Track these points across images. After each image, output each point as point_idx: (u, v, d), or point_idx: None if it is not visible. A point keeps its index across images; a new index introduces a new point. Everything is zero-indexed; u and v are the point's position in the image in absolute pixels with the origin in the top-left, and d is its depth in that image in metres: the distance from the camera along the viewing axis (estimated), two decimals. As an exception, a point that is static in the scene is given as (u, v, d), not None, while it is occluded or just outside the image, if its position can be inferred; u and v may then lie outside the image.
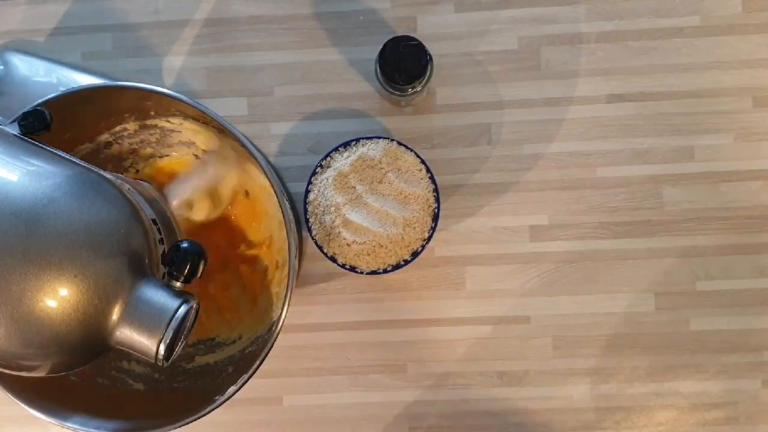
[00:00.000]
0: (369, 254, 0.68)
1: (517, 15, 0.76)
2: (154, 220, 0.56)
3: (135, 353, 0.49)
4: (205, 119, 0.65)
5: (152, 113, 0.68)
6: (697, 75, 0.75)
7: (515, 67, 0.76)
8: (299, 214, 0.72)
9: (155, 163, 0.73)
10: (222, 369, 0.71)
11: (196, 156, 0.72)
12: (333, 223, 0.67)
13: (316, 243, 0.69)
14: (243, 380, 0.61)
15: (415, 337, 0.77)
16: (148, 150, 0.72)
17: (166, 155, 0.73)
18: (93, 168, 0.53)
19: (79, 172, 0.50)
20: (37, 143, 0.53)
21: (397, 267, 0.69)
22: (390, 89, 0.68)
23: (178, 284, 0.50)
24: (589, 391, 0.77)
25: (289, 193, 0.75)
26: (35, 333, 0.46)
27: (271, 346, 0.62)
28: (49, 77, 0.75)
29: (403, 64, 0.66)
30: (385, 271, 0.69)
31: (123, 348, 0.49)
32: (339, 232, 0.67)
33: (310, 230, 0.69)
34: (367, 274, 0.69)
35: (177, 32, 0.77)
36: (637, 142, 0.76)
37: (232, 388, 0.61)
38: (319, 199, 0.68)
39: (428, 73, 0.67)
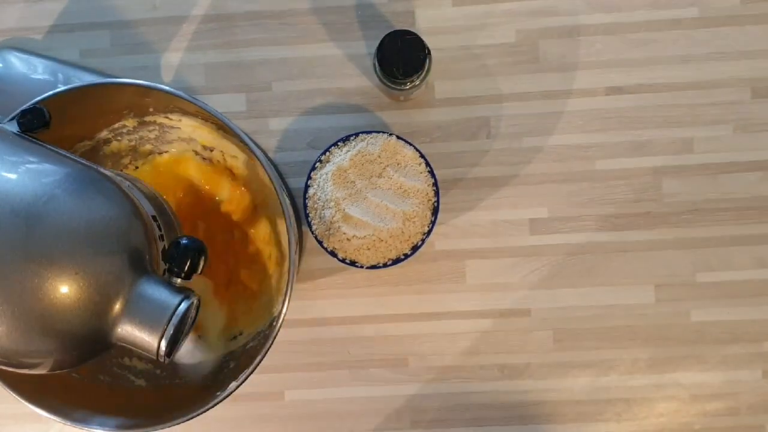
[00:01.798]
0: (369, 249, 0.68)
1: (514, 8, 0.76)
2: (154, 217, 0.56)
3: (136, 350, 0.49)
4: (204, 115, 0.65)
5: (151, 110, 0.68)
6: (695, 66, 0.75)
7: (513, 60, 0.76)
8: (299, 210, 0.73)
9: (154, 159, 0.73)
10: (223, 365, 0.71)
11: (195, 152, 0.72)
12: (333, 217, 0.67)
13: (316, 238, 0.69)
14: (244, 375, 0.62)
15: (416, 331, 0.77)
16: (147, 147, 0.72)
17: (166, 152, 0.73)
18: (92, 165, 0.53)
19: (79, 169, 0.50)
20: (36, 141, 0.53)
21: (397, 261, 0.69)
22: (388, 83, 0.68)
23: (179, 280, 0.50)
24: (590, 383, 0.77)
25: (288, 189, 0.75)
26: (36, 330, 0.46)
27: (272, 342, 0.62)
28: (47, 75, 0.75)
29: (402, 58, 0.66)
30: (385, 266, 0.69)
31: (124, 345, 0.49)
32: (339, 227, 0.67)
33: (309, 225, 0.69)
34: (368, 268, 0.69)
35: (175, 28, 0.77)
36: (636, 134, 0.76)
37: (234, 384, 0.62)
38: (319, 194, 0.68)
39: (426, 67, 0.67)
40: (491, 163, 0.76)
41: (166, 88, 0.62)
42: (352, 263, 0.69)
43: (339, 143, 0.69)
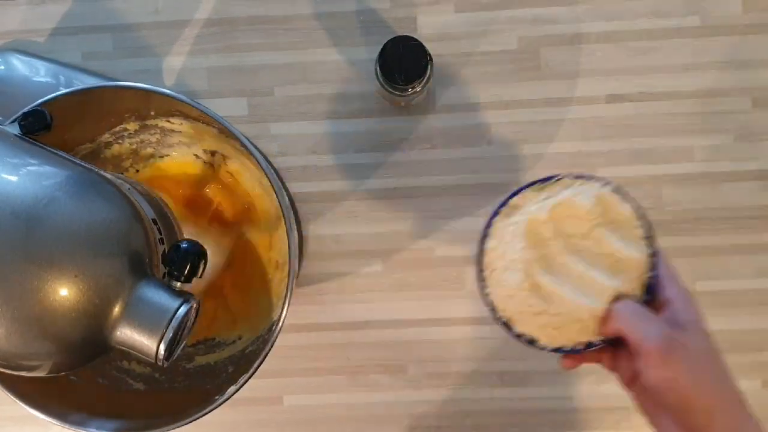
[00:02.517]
0: (557, 328, 0.51)
1: (516, 15, 0.76)
2: (154, 220, 0.56)
3: (135, 353, 0.49)
4: (205, 119, 0.65)
5: (153, 113, 0.68)
6: (696, 75, 0.75)
7: (515, 67, 0.76)
8: (300, 215, 0.72)
9: (155, 163, 0.73)
10: (222, 369, 0.71)
11: (196, 156, 0.72)
12: (520, 284, 0.51)
13: (488, 304, 0.52)
14: (243, 380, 0.61)
15: (416, 337, 0.77)
16: (149, 150, 0.72)
17: (167, 155, 0.73)
18: (93, 168, 0.53)
19: (80, 172, 0.50)
20: (37, 143, 0.53)
21: (590, 346, 0.51)
22: (390, 89, 0.68)
23: (179, 284, 0.50)
24: (589, 391, 0.77)
25: (289, 194, 0.75)
26: (36, 333, 0.46)
27: (271, 346, 0.62)
28: (49, 77, 0.75)
29: (403, 64, 0.66)
30: (574, 351, 0.51)
31: (123, 348, 0.49)
32: (525, 297, 0.51)
33: (482, 286, 0.52)
34: (551, 351, 0.52)
35: (177, 32, 0.77)
36: (637, 142, 0.76)
37: (232, 388, 0.61)
38: (502, 250, 0.52)
39: (428, 74, 0.67)
40: (492, 169, 0.76)
41: (168, 91, 0.62)
42: (530, 342, 0.52)
43: (535, 185, 0.53)
